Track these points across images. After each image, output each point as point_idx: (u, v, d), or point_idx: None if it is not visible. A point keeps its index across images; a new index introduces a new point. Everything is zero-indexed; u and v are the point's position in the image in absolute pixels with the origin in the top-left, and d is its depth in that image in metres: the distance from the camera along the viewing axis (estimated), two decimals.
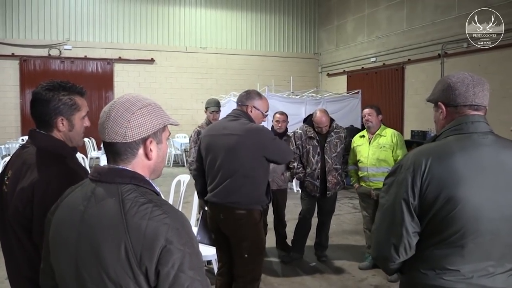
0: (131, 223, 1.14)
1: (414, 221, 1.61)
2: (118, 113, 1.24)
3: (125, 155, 1.26)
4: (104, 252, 1.14)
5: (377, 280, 4.48)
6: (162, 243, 1.11)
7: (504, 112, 8.36)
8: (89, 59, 13.61)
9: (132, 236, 1.13)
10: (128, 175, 1.25)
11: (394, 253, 1.65)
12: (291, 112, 8.99)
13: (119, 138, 1.24)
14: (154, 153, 1.30)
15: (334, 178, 4.77)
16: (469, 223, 1.53)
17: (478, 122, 1.64)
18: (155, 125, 1.28)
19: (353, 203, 8.00)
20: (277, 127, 5.14)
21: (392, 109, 11.67)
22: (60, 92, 1.80)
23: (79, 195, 1.28)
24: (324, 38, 15.99)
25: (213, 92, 13.16)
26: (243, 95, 3.21)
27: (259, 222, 3.11)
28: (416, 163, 1.60)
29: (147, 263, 1.11)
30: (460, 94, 1.66)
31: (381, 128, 4.59)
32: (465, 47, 9.83)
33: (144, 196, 1.20)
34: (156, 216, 1.15)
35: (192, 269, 1.15)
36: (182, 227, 1.17)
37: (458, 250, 1.57)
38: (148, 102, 1.30)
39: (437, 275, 1.60)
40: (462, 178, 1.53)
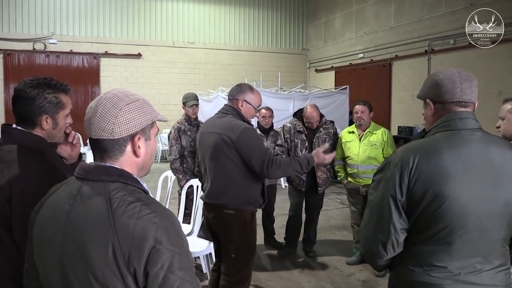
0: (118, 223, 1.11)
1: (402, 218, 1.61)
2: (105, 108, 1.20)
3: (113, 152, 1.23)
4: (90, 253, 1.11)
5: (364, 275, 4.51)
6: (151, 243, 1.09)
7: (489, 109, 8.43)
8: (74, 53, 13.41)
9: (120, 236, 1.09)
10: (116, 172, 1.21)
11: (382, 250, 1.66)
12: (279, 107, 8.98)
13: (106, 135, 1.20)
14: (143, 150, 1.26)
15: (324, 174, 4.79)
16: (456, 219, 1.54)
17: (466, 119, 1.63)
18: (143, 121, 1.25)
19: (341, 199, 8.04)
20: (263, 122, 5.12)
21: (379, 105, 11.72)
22: (46, 90, 1.77)
23: (64, 193, 1.24)
24: (312, 34, 16.00)
25: (201, 87, 13.10)
26: (234, 89, 3.10)
27: (250, 223, 3.02)
28: (404, 159, 1.60)
29: (135, 264, 1.09)
30: (447, 91, 1.66)
31: (372, 125, 4.59)
32: (451, 44, 9.91)
33: (132, 194, 1.17)
34: (145, 216, 1.12)
35: (182, 270, 1.13)
36: (171, 227, 1.15)
37: (446, 247, 1.57)
38: (136, 97, 1.26)
39: (425, 272, 1.60)
40: (449, 175, 1.53)
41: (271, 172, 2.87)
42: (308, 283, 4.35)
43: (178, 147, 4.85)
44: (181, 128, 4.89)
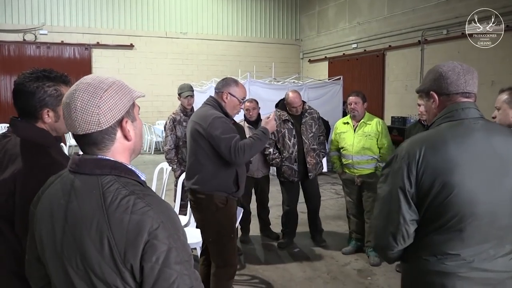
0: (113, 218, 1.08)
1: (412, 209, 1.64)
2: (84, 101, 1.14)
3: (103, 143, 1.18)
4: (88, 250, 1.09)
5: (360, 264, 4.55)
6: (146, 238, 1.06)
7: (481, 99, 8.41)
8: (66, 44, 13.27)
9: (115, 232, 1.07)
10: (108, 165, 1.17)
11: (392, 241, 1.68)
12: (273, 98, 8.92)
13: (94, 127, 1.15)
14: (132, 133, 1.22)
15: (313, 159, 4.82)
16: (465, 207, 1.56)
17: (468, 109, 1.67)
18: (126, 103, 1.20)
19: (335, 189, 8.07)
20: (248, 115, 5.11)
21: (372, 95, 11.74)
22: (46, 83, 1.74)
23: (59, 187, 1.21)
24: (306, 24, 15.94)
25: (194, 78, 13.03)
26: (220, 82, 3.27)
27: (223, 208, 3.12)
28: (410, 152, 1.63)
29: (131, 260, 1.06)
30: (452, 83, 1.69)
31: (366, 116, 4.60)
32: (445, 34, 9.92)
33: (126, 187, 1.13)
34: (139, 209, 1.09)
35: (179, 264, 1.10)
36: (167, 220, 1.11)
37: (457, 234, 1.60)
38: (111, 80, 1.21)
39: (439, 261, 1.63)
40: (456, 164, 1.56)
41: (239, 158, 2.99)
42: (304, 272, 4.38)
43: (173, 138, 4.85)
44: (176, 119, 4.88)
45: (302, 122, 4.80)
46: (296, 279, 4.25)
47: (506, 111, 2.60)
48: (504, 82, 7.71)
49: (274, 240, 5.25)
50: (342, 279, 4.24)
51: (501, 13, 8.19)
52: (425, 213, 1.63)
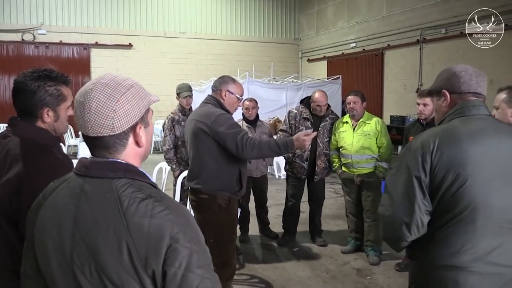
0: (131, 223, 1.03)
1: (426, 199, 1.65)
2: (100, 102, 1.09)
3: (114, 148, 1.13)
4: (104, 257, 1.03)
5: (359, 263, 4.55)
6: (168, 242, 1.02)
7: None
8: (64, 44, 13.26)
9: (135, 237, 1.02)
10: (121, 168, 1.12)
11: (406, 231, 1.68)
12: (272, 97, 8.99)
13: (107, 131, 1.10)
14: (144, 139, 1.18)
15: (323, 163, 4.84)
16: (478, 197, 1.59)
17: (479, 106, 1.74)
18: (141, 108, 1.15)
19: (335, 188, 8.07)
20: (247, 114, 5.10)
21: (371, 94, 11.73)
22: (47, 83, 1.74)
23: (66, 192, 1.14)
24: (305, 23, 15.94)
25: (193, 78, 13.02)
26: (217, 80, 3.28)
27: (226, 209, 3.11)
28: (424, 143, 1.67)
29: (154, 265, 1.02)
30: (465, 82, 1.77)
31: (365, 115, 4.60)
32: (443, 33, 9.93)
33: (141, 190, 1.08)
34: (159, 213, 1.04)
35: (200, 267, 1.06)
36: (187, 223, 1.08)
37: (470, 226, 1.61)
38: (129, 83, 1.16)
39: (451, 255, 1.63)
40: (469, 156, 1.61)
41: (246, 152, 2.96)
42: (304, 272, 4.38)
43: (172, 137, 4.84)
44: (175, 118, 4.87)
45: (321, 125, 4.79)
46: (295, 278, 4.25)
47: (504, 110, 2.60)
48: (503, 81, 7.72)
49: (273, 239, 5.25)
50: (341, 278, 4.24)
51: (500, 12, 8.19)
52: (438, 205, 1.65)
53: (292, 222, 5.11)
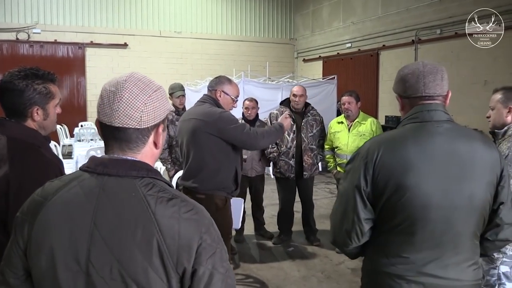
0: (161, 222, 1.03)
1: (367, 208, 1.62)
2: (132, 94, 1.10)
3: (136, 143, 1.12)
4: (131, 257, 1.01)
5: (354, 263, 4.55)
6: (198, 242, 1.05)
7: (474, 98, 8.55)
8: (59, 43, 13.19)
9: (166, 238, 1.02)
10: (144, 167, 1.11)
11: (346, 239, 1.68)
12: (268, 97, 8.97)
13: (133, 123, 1.09)
14: (161, 141, 1.19)
15: (310, 159, 4.84)
16: (418, 211, 1.55)
17: (434, 111, 1.63)
18: (165, 110, 1.18)
19: (330, 188, 8.09)
20: (246, 114, 5.11)
21: (367, 94, 11.76)
22: (34, 81, 1.74)
23: (79, 191, 1.08)
24: (300, 23, 15.95)
25: (189, 78, 13.01)
26: (213, 80, 3.29)
27: (222, 209, 3.12)
28: (369, 151, 1.63)
29: (186, 264, 1.04)
30: (411, 86, 1.67)
31: (360, 115, 4.61)
32: (438, 34, 9.96)
33: (165, 191, 1.09)
34: (186, 213, 1.06)
35: (223, 267, 1.10)
36: (211, 223, 1.11)
37: (409, 238, 1.58)
38: (158, 85, 1.19)
39: (389, 262, 1.61)
40: (411, 166, 1.54)
41: (260, 141, 3.09)
42: (299, 272, 4.39)
43: (166, 137, 4.82)
44: (169, 118, 4.86)
45: (303, 121, 4.84)
46: (291, 278, 4.25)
47: (500, 111, 2.61)
48: (497, 82, 7.76)
49: (269, 239, 5.25)
50: (336, 278, 4.25)
51: (493, 13, 8.23)
52: (380, 213, 1.62)
53: (287, 223, 5.13)
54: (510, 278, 2.43)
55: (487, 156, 1.62)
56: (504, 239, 1.70)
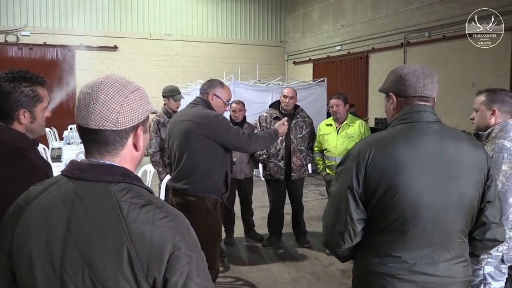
0: (133, 230, 1.00)
1: (359, 209, 1.64)
2: (108, 95, 1.07)
3: (114, 146, 1.10)
4: (101, 264, 1.00)
5: (343, 265, 4.56)
6: (170, 251, 1.01)
7: (462, 100, 8.64)
8: (48, 45, 13.11)
9: (137, 245, 1.00)
10: (120, 171, 1.09)
11: (339, 239, 1.69)
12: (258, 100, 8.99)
13: (110, 125, 1.07)
14: (141, 143, 1.16)
15: (299, 160, 4.85)
16: (409, 210, 1.57)
17: (424, 112, 1.67)
18: (145, 111, 1.15)
19: (320, 190, 8.12)
20: (234, 116, 5.12)
21: (356, 97, 11.84)
22: (22, 83, 1.73)
23: (56, 196, 1.08)
24: (290, 26, 16.01)
25: (179, 80, 12.98)
26: (205, 83, 3.28)
27: (212, 211, 3.11)
28: (361, 152, 1.64)
29: (156, 273, 1.00)
30: (411, 85, 1.69)
31: (349, 118, 4.65)
32: (426, 37, 10.07)
33: (141, 196, 1.06)
34: (160, 220, 1.03)
35: (200, 276, 1.06)
36: (187, 230, 1.08)
37: (400, 237, 1.60)
38: (137, 85, 1.16)
39: (381, 261, 1.63)
40: (402, 166, 1.57)
41: (253, 145, 3.13)
42: (289, 274, 4.40)
43: (158, 140, 4.81)
44: (160, 121, 4.84)
45: (292, 122, 4.85)
46: (281, 280, 4.26)
47: (484, 113, 2.63)
48: (485, 84, 7.83)
49: (258, 241, 5.26)
50: (326, 279, 4.27)
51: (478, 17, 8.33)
52: (371, 213, 1.64)
53: (277, 225, 5.14)
54: (495, 278, 2.47)
55: (474, 156, 1.66)
56: (492, 238, 1.74)
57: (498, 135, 2.49)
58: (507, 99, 2.58)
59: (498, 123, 2.54)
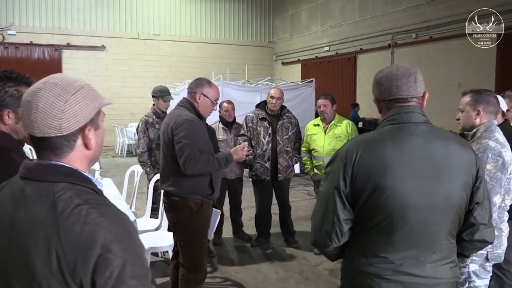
0: (63, 228, 0.99)
1: (346, 209, 1.65)
2: (47, 102, 1.05)
3: (61, 149, 1.09)
4: (35, 262, 0.99)
5: (331, 264, 4.59)
6: (98, 251, 0.97)
7: (449, 100, 8.75)
8: (35, 45, 12.98)
9: (65, 244, 0.98)
10: (62, 171, 1.08)
11: (327, 239, 1.70)
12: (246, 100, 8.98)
13: (54, 132, 1.06)
14: (93, 141, 1.14)
15: (285, 161, 4.86)
16: (396, 210, 1.58)
17: (412, 113, 1.66)
18: (92, 110, 1.12)
19: (308, 190, 8.14)
20: (226, 116, 5.11)
21: (345, 97, 11.91)
22: (6, 83, 1.71)
23: (7, 194, 1.11)
24: (279, 27, 16.05)
25: (167, 80, 12.94)
26: (193, 82, 3.26)
27: (197, 212, 3.10)
28: (349, 152, 1.64)
29: (81, 274, 0.97)
30: (385, 89, 1.70)
31: (336, 118, 4.68)
32: (413, 38, 10.17)
33: (79, 196, 1.04)
34: (92, 220, 1.00)
35: (134, 278, 1.01)
36: (122, 231, 1.03)
37: (387, 238, 1.61)
38: (80, 84, 1.12)
39: (368, 262, 1.64)
40: (389, 167, 1.57)
41: (189, 168, 2.94)
42: (277, 274, 4.41)
43: (146, 140, 4.79)
44: (149, 121, 4.82)
45: (278, 123, 4.86)
46: (269, 280, 4.27)
47: (469, 113, 2.67)
48: (471, 85, 7.92)
49: (247, 241, 5.26)
50: (314, 279, 4.29)
51: (464, 19, 8.44)
52: (359, 214, 1.65)
53: (264, 225, 5.14)
54: (479, 276, 2.50)
55: (463, 157, 1.66)
56: (481, 239, 1.74)
57: (483, 135, 2.53)
58: (491, 100, 2.62)
59: (483, 123, 2.58)
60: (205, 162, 2.99)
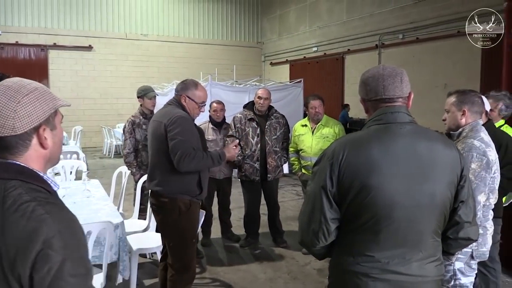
0: (7, 223, 1.02)
1: (333, 208, 1.66)
2: (1, 104, 1.11)
3: (16, 149, 1.14)
4: None
5: (319, 264, 4.62)
6: (39, 247, 0.99)
7: (435, 101, 8.84)
8: (21, 45, 12.82)
9: (8, 238, 1.01)
10: (15, 169, 1.13)
11: (314, 238, 1.71)
12: (235, 101, 8.98)
13: (8, 131, 1.11)
14: (49, 141, 1.18)
15: (274, 161, 4.87)
16: (382, 210, 1.59)
17: (397, 113, 1.68)
18: (46, 110, 1.17)
19: (296, 190, 8.17)
20: (215, 116, 5.10)
21: (332, 97, 11.97)
22: None
23: None
24: (267, 27, 16.07)
25: (155, 81, 12.88)
26: (179, 84, 3.22)
27: (186, 212, 3.08)
28: (335, 152, 1.66)
29: (20, 268, 0.99)
30: (372, 89, 1.72)
31: (324, 118, 4.71)
32: (400, 39, 10.26)
33: (29, 193, 1.08)
34: (37, 216, 1.03)
35: (74, 276, 1.02)
36: (65, 229, 1.05)
37: (374, 237, 1.63)
38: (34, 86, 1.17)
39: (355, 261, 1.66)
40: (375, 166, 1.59)
41: (184, 164, 2.92)
42: (265, 274, 4.42)
43: (133, 141, 4.76)
44: (136, 122, 4.80)
45: (266, 123, 4.87)
46: (258, 280, 4.28)
47: (454, 113, 2.70)
48: (456, 85, 8.01)
49: (236, 242, 5.26)
50: (302, 279, 4.30)
51: (452, 19, 8.54)
52: (345, 213, 1.66)
53: (253, 225, 5.15)
54: (465, 273, 2.54)
55: (447, 156, 1.68)
56: (466, 237, 1.76)
57: (468, 135, 2.57)
58: (476, 100, 2.65)
59: (469, 123, 2.61)
60: (200, 159, 2.99)
